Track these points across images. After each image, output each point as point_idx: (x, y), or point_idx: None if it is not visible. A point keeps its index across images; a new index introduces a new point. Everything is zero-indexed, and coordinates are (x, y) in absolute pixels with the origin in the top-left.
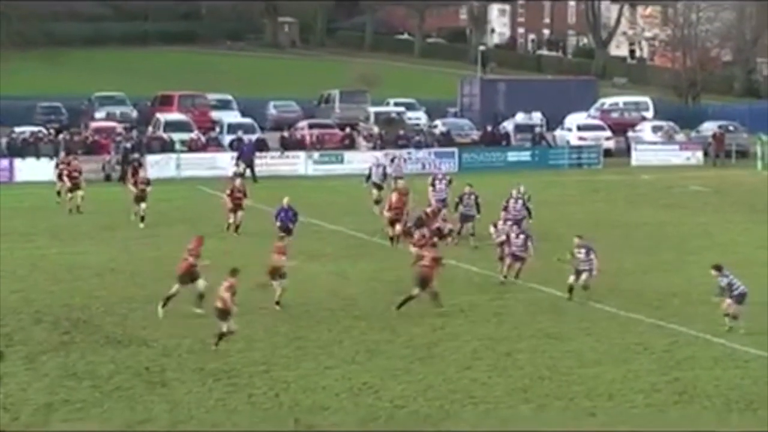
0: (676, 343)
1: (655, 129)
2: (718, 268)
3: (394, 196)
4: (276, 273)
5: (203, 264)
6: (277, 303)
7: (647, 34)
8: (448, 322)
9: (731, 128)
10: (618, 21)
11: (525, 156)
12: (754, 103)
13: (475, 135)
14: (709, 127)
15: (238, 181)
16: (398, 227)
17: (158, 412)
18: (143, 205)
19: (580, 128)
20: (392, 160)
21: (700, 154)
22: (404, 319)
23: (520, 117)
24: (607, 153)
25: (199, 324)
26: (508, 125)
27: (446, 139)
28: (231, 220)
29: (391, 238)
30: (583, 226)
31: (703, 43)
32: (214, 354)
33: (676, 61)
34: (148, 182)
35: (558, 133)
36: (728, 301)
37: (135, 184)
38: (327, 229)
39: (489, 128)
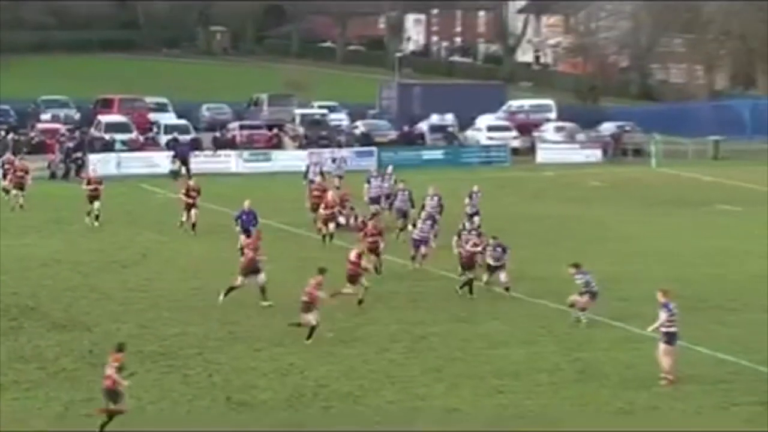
0: (577, 326)
1: (558, 129)
2: (576, 266)
3: (329, 195)
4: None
5: (262, 258)
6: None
7: (551, 41)
8: (369, 309)
9: (627, 128)
10: (524, 30)
11: (438, 155)
12: (649, 106)
13: (393, 135)
14: (607, 128)
15: (191, 182)
16: (332, 226)
17: (100, 392)
18: (96, 204)
19: (489, 129)
20: (333, 160)
21: (599, 152)
22: (328, 306)
23: (434, 118)
24: (514, 151)
25: (136, 310)
26: (423, 126)
27: (366, 139)
28: (184, 218)
29: (324, 236)
30: (494, 221)
31: (602, 50)
32: (151, 338)
33: (577, 66)
34: (100, 182)
35: (469, 133)
36: (582, 298)
37: (88, 183)
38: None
39: (405, 129)
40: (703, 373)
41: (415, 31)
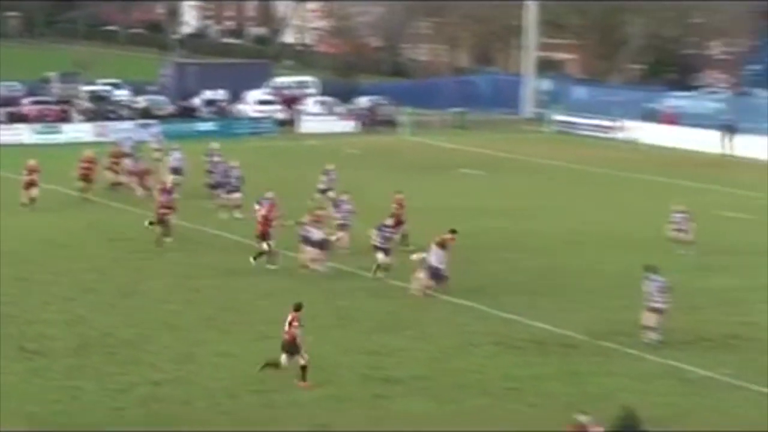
0: (341, 277)
1: (319, 103)
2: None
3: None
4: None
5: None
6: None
7: (313, 24)
8: (149, 265)
9: (381, 102)
10: (289, 14)
11: (211, 126)
12: (400, 82)
13: (171, 109)
14: (362, 102)
15: (32, 161)
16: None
17: None
18: None
19: (257, 103)
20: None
21: (355, 123)
22: (111, 263)
23: (208, 94)
24: (280, 123)
25: None
26: (197, 101)
27: (146, 113)
28: (24, 199)
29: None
30: (266, 186)
31: (358, 32)
32: None
33: (336, 47)
34: None
35: (239, 107)
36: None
37: None
38: (44, 188)
39: (182, 103)
40: (446, 318)
41: (190, 15)
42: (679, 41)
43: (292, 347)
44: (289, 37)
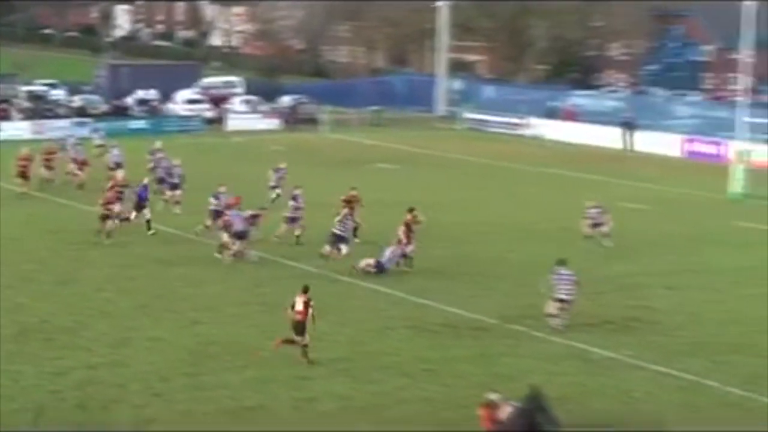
0: (265, 265)
1: (245, 102)
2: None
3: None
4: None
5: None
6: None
7: (238, 28)
8: (86, 255)
9: (302, 101)
10: (215, 18)
11: (143, 124)
12: (321, 82)
13: (105, 108)
14: (285, 100)
15: (24, 150)
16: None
17: None
18: None
19: (186, 102)
20: (96, 130)
21: (278, 121)
22: (50, 254)
23: (140, 93)
24: (208, 121)
25: None
26: (129, 100)
27: (82, 111)
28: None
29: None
30: (202, 179)
31: (281, 35)
32: None
33: (260, 49)
34: None
35: (169, 106)
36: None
37: None
38: None
39: (115, 102)
40: (365, 304)
41: (123, 19)
42: (581, 43)
43: (301, 327)
44: (216, 40)
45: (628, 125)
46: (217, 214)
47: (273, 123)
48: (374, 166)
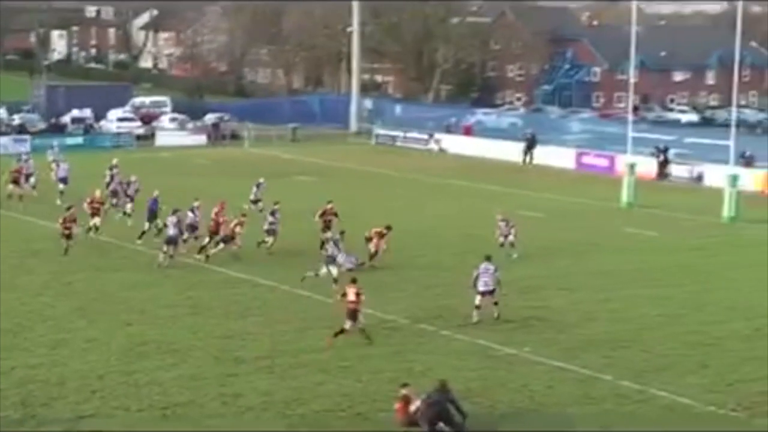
0: (191, 269)
1: (173, 120)
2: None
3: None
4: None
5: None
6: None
7: (166, 51)
8: (27, 262)
9: (226, 118)
10: (145, 42)
11: (79, 140)
12: (242, 101)
13: (43, 125)
14: (210, 118)
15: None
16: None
17: None
18: None
19: (119, 120)
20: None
21: (203, 137)
22: None
23: (75, 112)
24: (139, 138)
25: None
26: (66, 118)
27: (22, 129)
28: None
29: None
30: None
31: (206, 57)
32: None
33: (186, 70)
34: None
35: (103, 123)
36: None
37: None
38: None
39: (52, 120)
40: (286, 305)
41: (59, 43)
42: (481, 65)
43: (355, 314)
44: (145, 63)
45: (530, 141)
46: (192, 228)
47: (199, 139)
48: (293, 179)
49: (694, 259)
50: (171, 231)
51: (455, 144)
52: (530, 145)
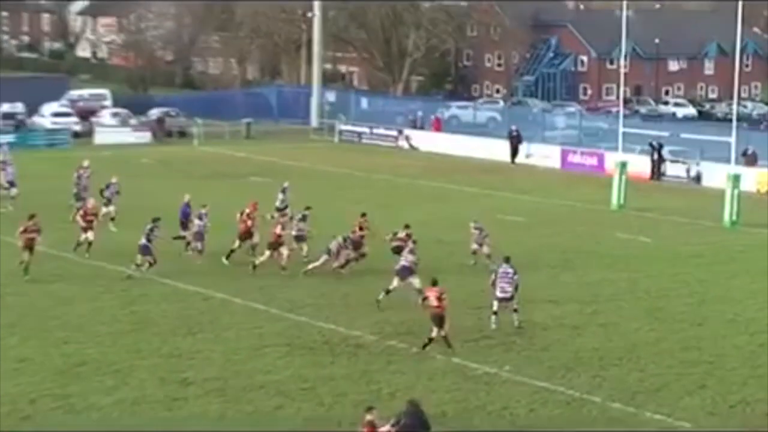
0: (133, 283)
1: (114, 115)
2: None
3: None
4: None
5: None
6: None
7: (106, 39)
8: None
9: (172, 113)
10: (83, 29)
11: (9, 138)
12: (191, 94)
13: None
14: (155, 113)
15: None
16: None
17: None
18: None
19: (53, 115)
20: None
21: (148, 134)
22: None
23: (5, 107)
24: (76, 135)
25: None
26: None
27: None
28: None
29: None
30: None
31: (150, 46)
32: None
33: (129, 60)
34: None
35: (36, 119)
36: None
37: None
38: None
39: None
40: (239, 320)
41: None
42: (457, 53)
43: (440, 318)
44: (83, 51)
45: (516, 138)
46: (200, 236)
47: (143, 137)
48: (246, 180)
49: (691, 267)
50: (143, 240)
51: (426, 141)
52: (518, 142)
